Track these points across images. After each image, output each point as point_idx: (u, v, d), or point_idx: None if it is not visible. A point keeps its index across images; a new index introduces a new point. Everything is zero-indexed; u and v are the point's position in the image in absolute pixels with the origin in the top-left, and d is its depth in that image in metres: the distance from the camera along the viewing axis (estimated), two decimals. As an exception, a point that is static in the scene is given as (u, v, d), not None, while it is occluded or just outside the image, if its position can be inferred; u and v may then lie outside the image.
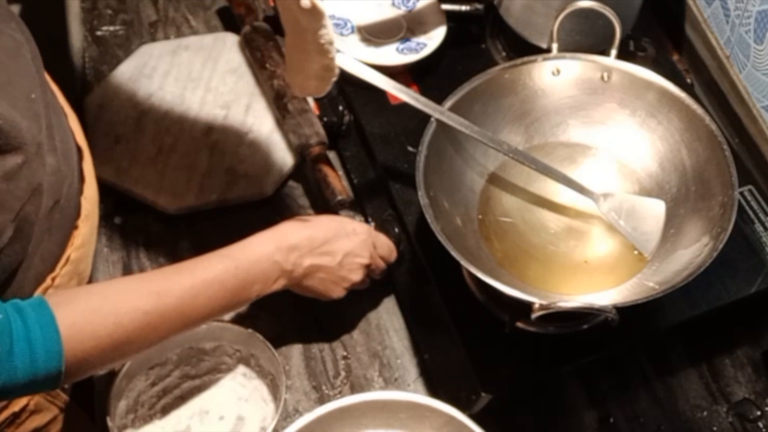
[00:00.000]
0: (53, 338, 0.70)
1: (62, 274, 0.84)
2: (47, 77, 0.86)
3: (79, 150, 0.90)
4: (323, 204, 1.05)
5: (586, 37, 1.07)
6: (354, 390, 0.97)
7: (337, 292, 0.93)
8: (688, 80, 1.18)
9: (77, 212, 0.87)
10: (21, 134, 0.71)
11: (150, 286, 0.78)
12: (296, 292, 0.92)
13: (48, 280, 0.82)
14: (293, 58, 0.91)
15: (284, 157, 1.10)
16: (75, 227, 0.87)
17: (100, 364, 0.76)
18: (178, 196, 1.07)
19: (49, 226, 0.80)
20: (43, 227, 0.79)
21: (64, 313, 0.71)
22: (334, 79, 0.90)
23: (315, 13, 0.81)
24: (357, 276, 0.93)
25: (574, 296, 0.89)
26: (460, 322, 0.93)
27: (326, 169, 1.06)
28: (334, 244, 0.90)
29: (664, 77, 0.98)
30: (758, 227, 1.01)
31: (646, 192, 0.98)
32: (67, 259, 0.85)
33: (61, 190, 0.81)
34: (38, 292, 0.81)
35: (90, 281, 0.95)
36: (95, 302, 0.75)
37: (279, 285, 0.87)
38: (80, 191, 0.88)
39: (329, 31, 0.84)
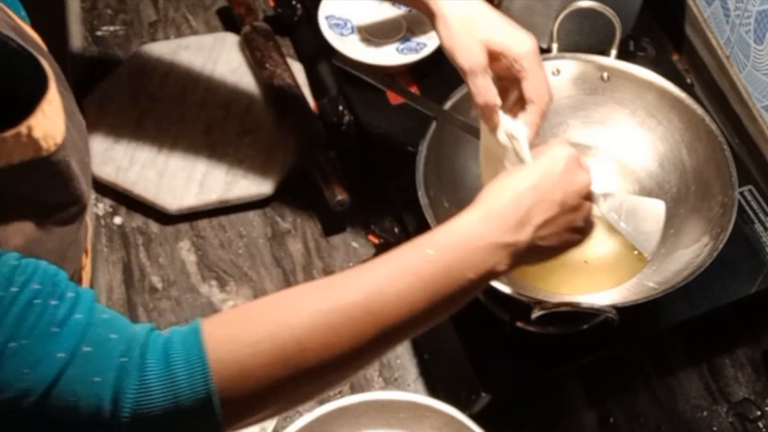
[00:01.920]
0: (192, 343, 0.58)
1: None
2: None
3: (85, 252, 0.83)
4: (323, 204, 1.05)
5: (586, 37, 1.07)
6: (354, 390, 0.97)
7: (576, 241, 0.77)
8: (688, 80, 1.18)
9: None
10: (80, 187, 0.68)
11: (316, 284, 0.65)
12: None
13: None
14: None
15: (284, 157, 1.10)
16: None
17: (266, 389, 0.60)
18: (178, 196, 1.07)
19: None
20: None
21: (207, 321, 0.60)
22: None
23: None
24: (585, 209, 0.78)
25: (574, 296, 0.89)
26: (460, 322, 0.93)
27: (326, 169, 1.06)
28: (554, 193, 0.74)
29: (664, 77, 0.98)
30: (758, 227, 1.01)
31: (646, 192, 0.98)
32: None
33: (78, 265, 0.76)
34: None
35: (90, 287, 0.91)
36: (245, 309, 0.64)
37: (502, 266, 0.69)
38: None
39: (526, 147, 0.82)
